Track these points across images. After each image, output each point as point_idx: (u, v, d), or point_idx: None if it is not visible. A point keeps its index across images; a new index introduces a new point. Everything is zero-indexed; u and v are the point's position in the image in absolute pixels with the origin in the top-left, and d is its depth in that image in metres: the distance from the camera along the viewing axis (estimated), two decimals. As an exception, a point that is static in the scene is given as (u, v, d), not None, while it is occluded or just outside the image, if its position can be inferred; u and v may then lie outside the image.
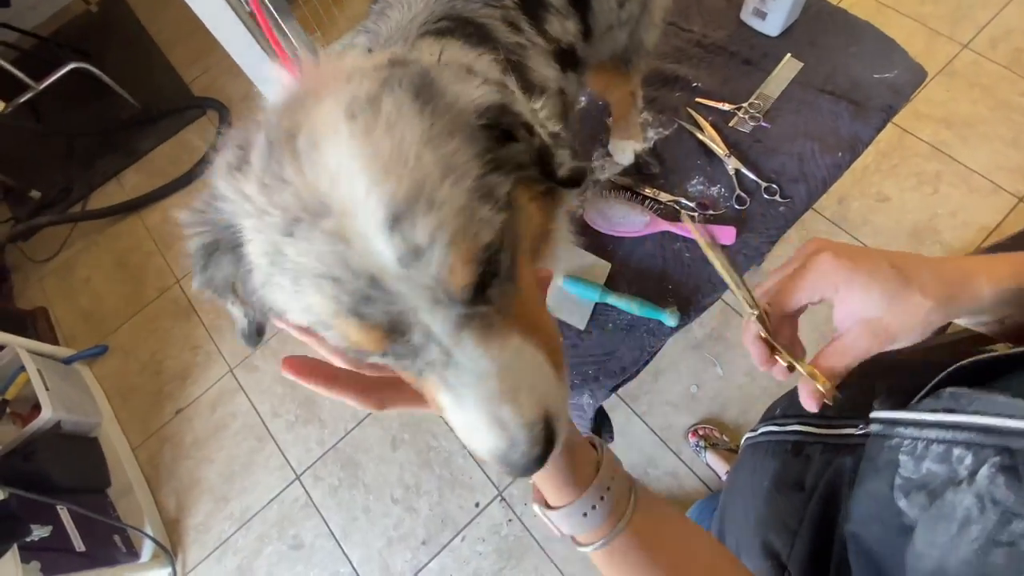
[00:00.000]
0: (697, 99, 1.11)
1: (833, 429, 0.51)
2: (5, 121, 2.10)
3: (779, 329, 0.46)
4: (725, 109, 1.09)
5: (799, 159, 1.02)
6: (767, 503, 0.54)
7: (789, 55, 1.12)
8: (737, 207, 1.00)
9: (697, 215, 1.01)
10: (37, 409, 1.57)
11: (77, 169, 2.39)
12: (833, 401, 0.42)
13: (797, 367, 0.44)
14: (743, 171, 1.01)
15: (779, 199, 0.99)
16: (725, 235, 0.97)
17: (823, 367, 0.43)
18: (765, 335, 0.45)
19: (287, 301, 0.38)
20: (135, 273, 2.15)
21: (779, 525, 0.51)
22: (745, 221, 0.99)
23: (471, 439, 0.39)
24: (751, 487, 0.58)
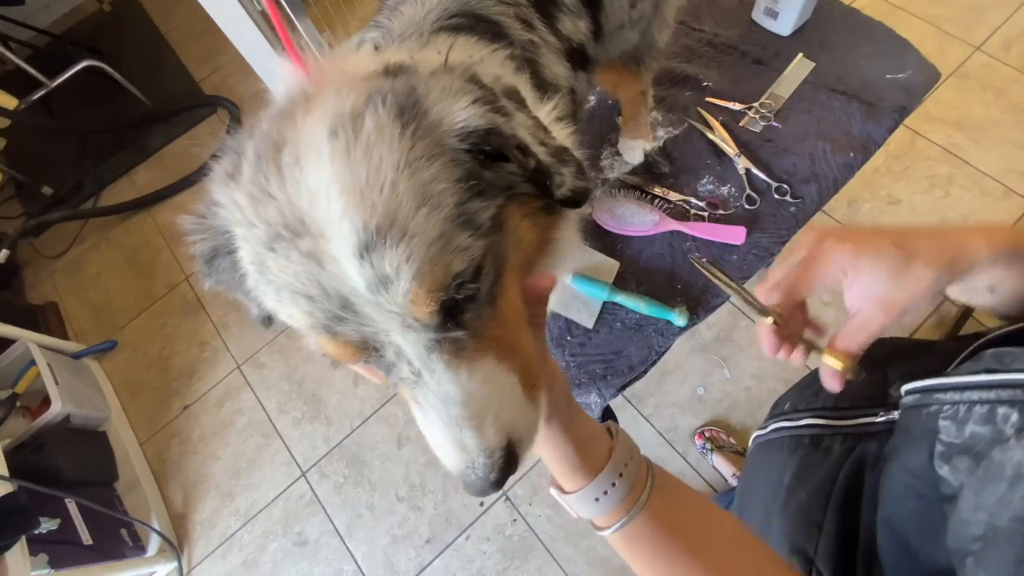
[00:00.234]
0: (708, 99, 1.11)
1: (850, 420, 0.51)
2: (18, 118, 2.12)
3: (792, 317, 0.47)
4: (736, 109, 1.08)
5: (810, 159, 1.01)
6: (788, 499, 0.54)
7: (801, 55, 1.11)
8: (747, 207, 0.99)
9: (707, 214, 1.00)
10: (47, 403, 1.58)
11: (89, 166, 2.41)
12: (856, 377, 0.44)
13: (816, 352, 0.46)
14: (754, 171, 1.01)
15: (790, 199, 0.98)
16: (735, 235, 0.97)
17: (841, 348, 0.44)
18: (781, 335, 0.46)
19: (275, 307, 0.41)
20: (145, 269, 2.16)
21: (802, 520, 0.51)
22: (755, 221, 0.98)
23: (437, 454, 0.40)
24: (768, 485, 0.58)
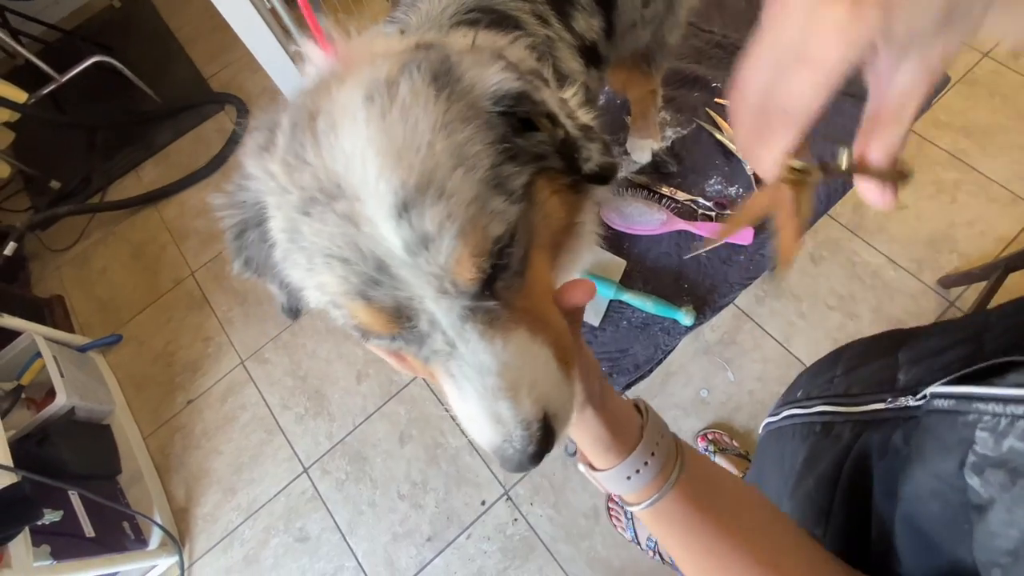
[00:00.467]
0: (716, 99, 1.11)
1: (861, 406, 0.50)
2: (28, 112, 2.13)
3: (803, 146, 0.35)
4: (744, 110, 1.09)
5: (819, 161, 1.01)
6: (797, 485, 0.54)
7: (810, 57, 1.11)
8: (755, 208, 0.99)
9: (714, 214, 1.01)
10: (52, 395, 1.58)
11: (97, 161, 2.42)
12: (905, 180, 0.33)
13: (845, 168, 0.33)
14: (762, 172, 1.01)
15: (798, 200, 0.98)
16: (743, 235, 0.97)
17: (874, 153, 0.32)
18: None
19: (303, 278, 0.39)
20: (150, 264, 2.17)
21: (811, 506, 0.51)
22: (763, 222, 0.98)
23: (471, 429, 0.39)
24: (780, 473, 0.58)
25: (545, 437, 0.37)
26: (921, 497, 0.41)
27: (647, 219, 1.01)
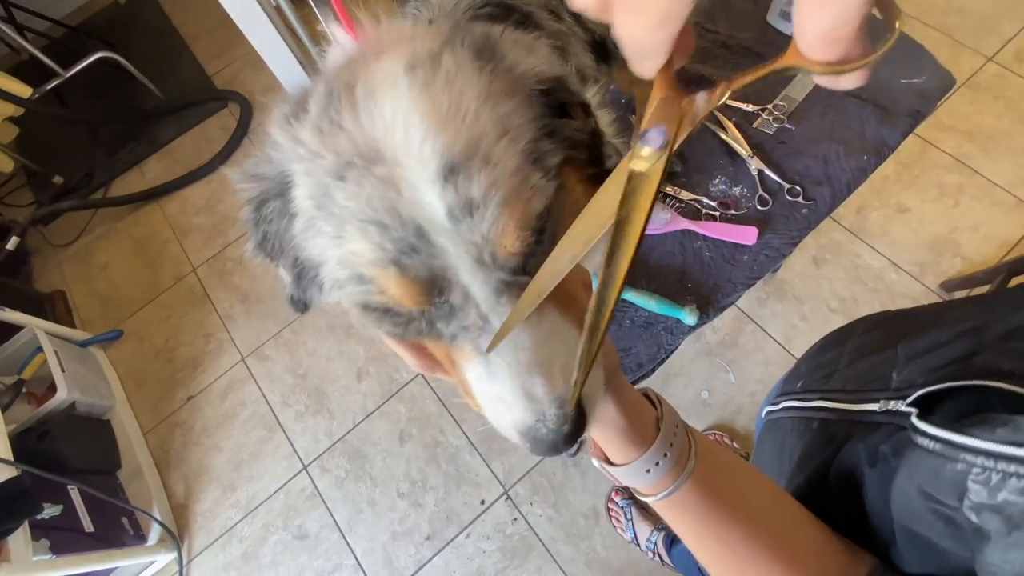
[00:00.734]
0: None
1: (857, 404, 0.50)
2: (32, 107, 2.14)
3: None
4: (749, 110, 1.08)
5: (823, 161, 1.01)
6: (791, 483, 0.54)
7: (815, 58, 1.11)
8: (759, 208, 0.99)
9: (719, 214, 1.00)
10: (52, 390, 1.58)
11: (100, 156, 2.43)
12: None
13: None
14: (766, 172, 1.01)
15: (802, 201, 0.98)
16: (747, 235, 0.97)
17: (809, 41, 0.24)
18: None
19: (326, 249, 0.38)
20: (152, 260, 2.17)
21: (806, 505, 0.51)
22: (767, 222, 0.98)
23: (498, 413, 0.38)
24: (777, 467, 0.58)
25: (578, 418, 0.36)
26: (918, 512, 0.40)
27: (651, 218, 1.01)
